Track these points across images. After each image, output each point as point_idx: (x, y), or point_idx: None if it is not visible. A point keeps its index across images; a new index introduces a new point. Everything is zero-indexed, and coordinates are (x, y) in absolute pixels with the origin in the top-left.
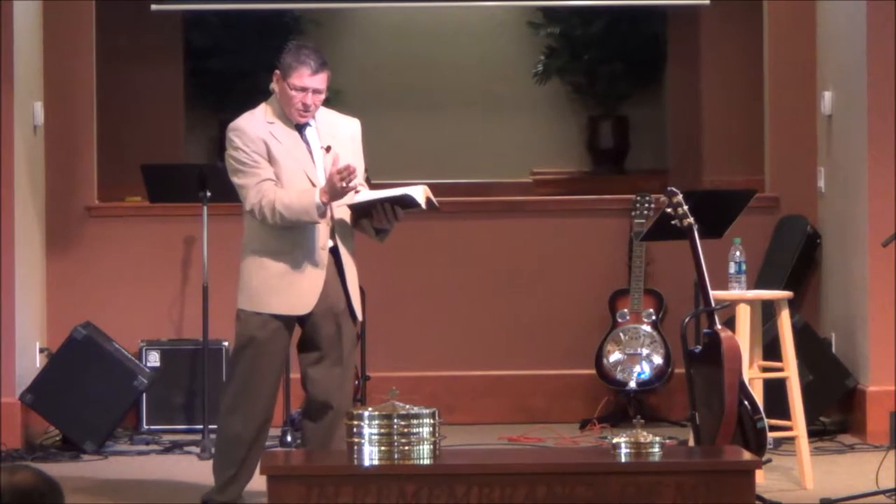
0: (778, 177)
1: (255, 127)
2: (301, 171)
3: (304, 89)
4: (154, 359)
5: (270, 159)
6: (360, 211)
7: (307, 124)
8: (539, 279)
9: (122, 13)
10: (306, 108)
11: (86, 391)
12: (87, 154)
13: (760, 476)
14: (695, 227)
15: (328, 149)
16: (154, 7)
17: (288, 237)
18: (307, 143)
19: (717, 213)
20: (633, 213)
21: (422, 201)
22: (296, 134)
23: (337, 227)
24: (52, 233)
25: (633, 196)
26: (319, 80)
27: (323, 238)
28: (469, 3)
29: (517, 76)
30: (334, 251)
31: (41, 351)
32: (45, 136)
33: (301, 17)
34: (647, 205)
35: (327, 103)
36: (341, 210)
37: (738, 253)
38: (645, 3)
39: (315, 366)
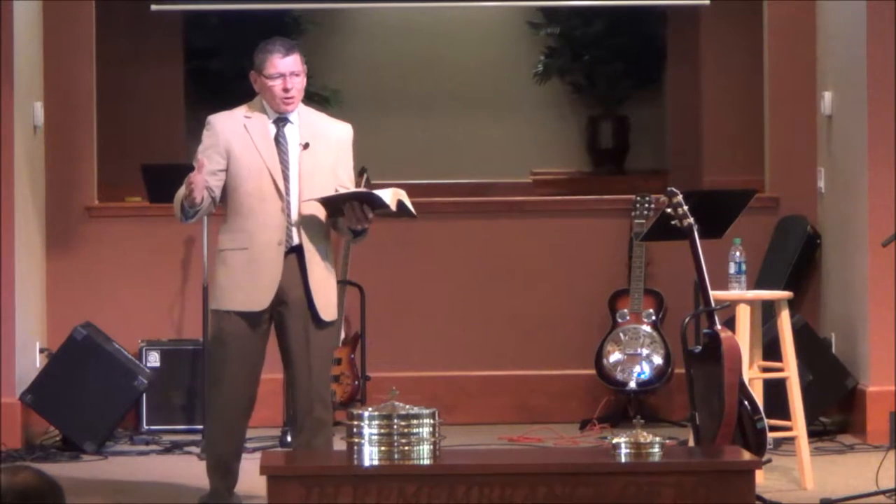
0: (778, 177)
1: (225, 121)
2: (263, 166)
3: (280, 75)
4: (154, 359)
5: (230, 154)
6: (330, 208)
7: (288, 121)
8: (539, 279)
9: (122, 13)
10: (288, 91)
11: (86, 391)
12: (87, 154)
13: (760, 476)
14: (695, 228)
15: (306, 146)
16: (154, 7)
17: (244, 235)
18: (284, 139)
19: (717, 213)
20: (633, 214)
21: (391, 203)
22: (271, 129)
23: (304, 225)
24: (52, 233)
25: (633, 196)
26: (293, 62)
27: (278, 234)
28: (469, 3)
29: (517, 76)
30: (298, 250)
31: (41, 351)
32: (45, 136)
33: (301, 17)
34: (647, 205)
35: (326, 103)
36: (310, 207)
37: (738, 253)
38: (645, 3)
39: (288, 370)
